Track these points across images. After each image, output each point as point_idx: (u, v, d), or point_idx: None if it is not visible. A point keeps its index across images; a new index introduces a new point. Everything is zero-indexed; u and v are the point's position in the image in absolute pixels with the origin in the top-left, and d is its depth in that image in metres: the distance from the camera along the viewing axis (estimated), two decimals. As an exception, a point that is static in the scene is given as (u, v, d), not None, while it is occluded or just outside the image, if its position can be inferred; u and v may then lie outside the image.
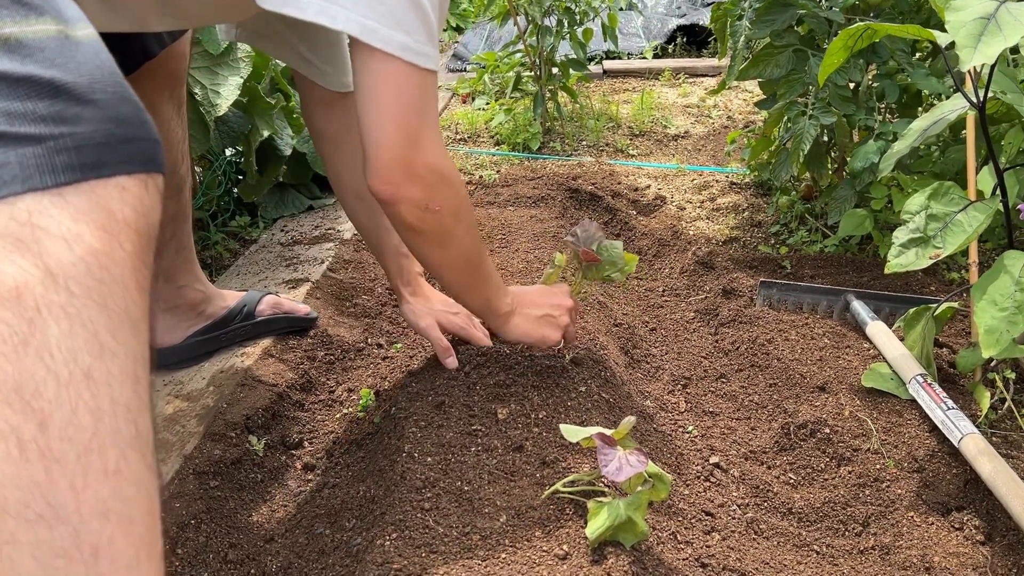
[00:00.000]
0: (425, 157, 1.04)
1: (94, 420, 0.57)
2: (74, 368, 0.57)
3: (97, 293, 0.58)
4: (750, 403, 1.54)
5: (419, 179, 1.04)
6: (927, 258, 1.17)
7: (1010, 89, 1.22)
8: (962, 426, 1.24)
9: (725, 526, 1.23)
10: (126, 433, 0.59)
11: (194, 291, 1.59)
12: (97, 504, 0.57)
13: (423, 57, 0.99)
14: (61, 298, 0.57)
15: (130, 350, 0.60)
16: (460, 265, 1.19)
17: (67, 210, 0.59)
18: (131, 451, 0.59)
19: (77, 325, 0.57)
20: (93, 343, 0.58)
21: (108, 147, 0.63)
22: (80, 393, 0.57)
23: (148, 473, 0.61)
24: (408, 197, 1.04)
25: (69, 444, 0.56)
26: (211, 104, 1.74)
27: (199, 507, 1.23)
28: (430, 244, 1.13)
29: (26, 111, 0.60)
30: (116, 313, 0.59)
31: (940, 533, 1.19)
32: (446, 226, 1.11)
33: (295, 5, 0.91)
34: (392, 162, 1.01)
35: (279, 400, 1.53)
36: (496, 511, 1.06)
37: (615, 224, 2.33)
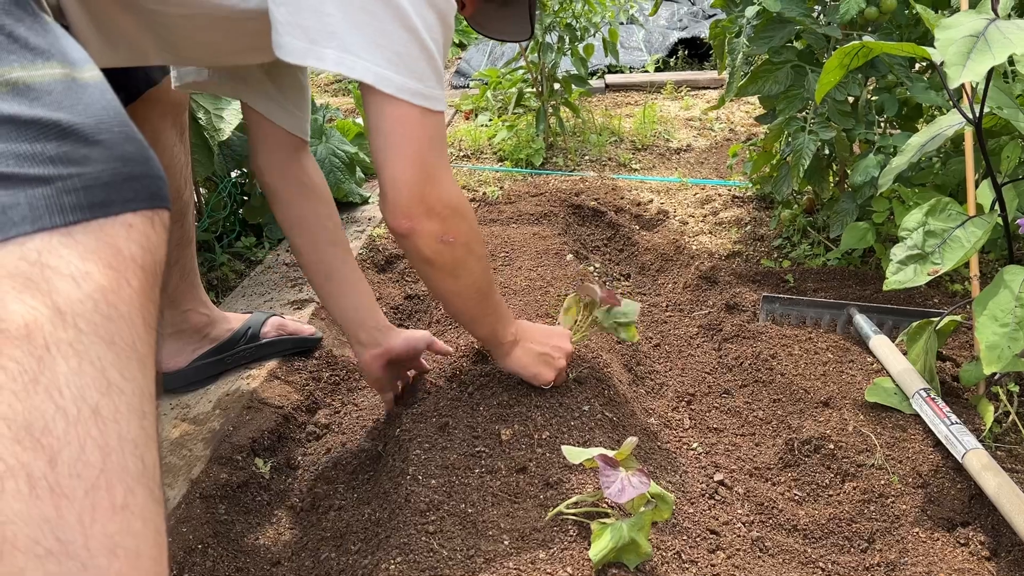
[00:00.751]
0: (439, 192, 1.08)
1: (102, 456, 0.58)
2: (82, 405, 0.58)
3: (105, 330, 0.60)
4: (754, 419, 1.55)
5: (435, 213, 1.08)
6: (925, 274, 1.18)
7: (1006, 104, 1.22)
8: (966, 441, 1.24)
9: (730, 544, 1.23)
10: (133, 468, 0.60)
11: (199, 315, 1.60)
12: (105, 539, 0.58)
13: (433, 100, 1.04)
14: (69, 335, 0.58)
15: (137, 386, 0.61)
16: (471, 295, 1.23)
17: (76, 249, 0.60)
18: (138, 486, 0.60)
19: (85, 362, 0.58)
20: (101, 380, 0.59)
21: (114, 186, 0.64)
22: (88, 430, 0.58)
23: (154, 506, 0.62)
24: (424, 231, 1.09)
25: (78, 480, 0.57)
26: (215, 128, 1.76)
27: (206, 531, 1.23)
28: (444, 275, 1.17)
29: (35, 153, 0.61)
30: (123, 349, 0.61)
31: (945, 549, 1.19)
32: (459, 257, 1.15)
33: (315, 56, 0.96)
34: (409, 198, 1.06)
35: (285, 422, 1.54)
36: (500, 533, 1.06)
37: (618, 239, 2.34)
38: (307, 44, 0.96)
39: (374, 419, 1.51)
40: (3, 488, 0.55)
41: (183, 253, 1.55)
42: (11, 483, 0.56)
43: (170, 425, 1.48)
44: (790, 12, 1.72)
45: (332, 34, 0.96)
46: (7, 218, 0.59)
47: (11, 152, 0.60)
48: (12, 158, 0.60)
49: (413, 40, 1.00)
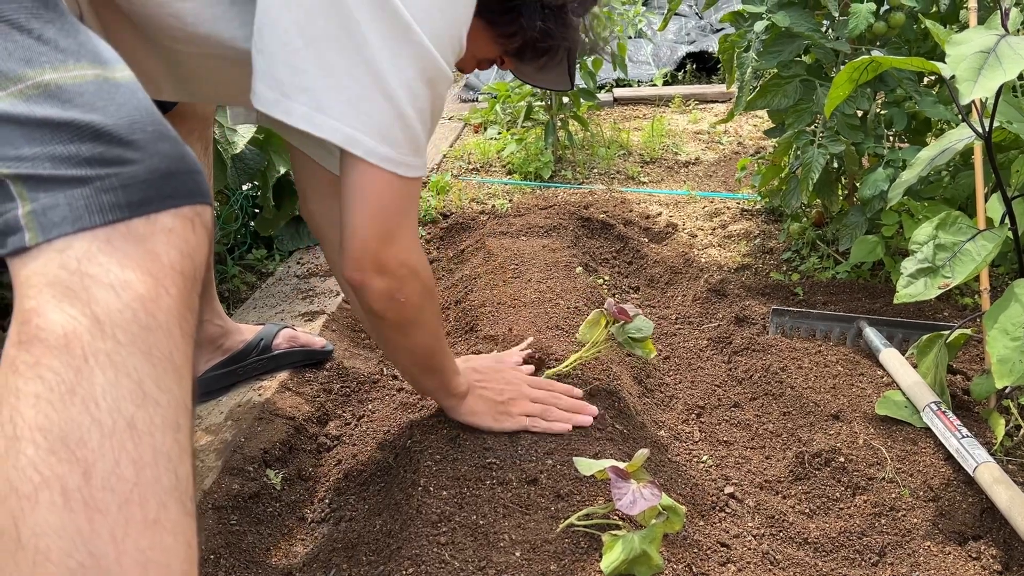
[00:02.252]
0: (397, 252, 1.08)
1: (136, 470, 0.59)
2: (118, 418, 0.58)
3: (143, 341, 0.60)
4: (764, 432, 1.55)
5: (388, 272, 1.08)
6: (936, 288, 1.18)
7: (1016, 119, 1.23)
8: (977, 454, 1.24)
9: (740, 557, 1.23)
10: (166, 482, 0.60)
11: (213, 326, 1.61)
12: (137, 554, 0.58)
13: (404, 167, 1.02)
14: (108, 346, 0.58)
15: (173, 398, 0.62)
16: (419, 352, 1.23)
17: (115, 256, 0.61)
18: (171, 500, 0.61)
19: (122, 374, 0.59)
20: (137, 392, 0.59)
21: (152, 184, 0.64)
22: (123, 443, 0.58)
23: (187, 520, 0.62)
24: (375, 287, 1.09)
25: (111, 494, 0.57)
26: (228, 142, 1.78)
27: (218, 542, 1.24)
28: (391, 330, 1.17)
29: (70, 154, 0.62)
30: (160, 361, 0.61)
31: (957, 563, 1.19)
32: (408, 317, 1.15)
33: (283, 109, 0.94)
34: (364, 253, 1.06)
35: (296, 433, 1.54)
36: (511, 545, 1.07)
37: (627, 252, 2.34)
38: (278, 95, 0.94)
39: (385, 430, 1.52)
40: (38, 500, 0.56)
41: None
42: (46, 495, 0.56)
43: (182, 436, 1.49)
44: (799, 27, 1.73)
45: (304, 89, 0.93)
46: (48, 219, 0.60)
47: (47, 155, 0.61)
48: (48, 160, 0.61)
49: (390, 109, 0.97)
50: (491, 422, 1.31)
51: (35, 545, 0.56)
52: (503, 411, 1.32)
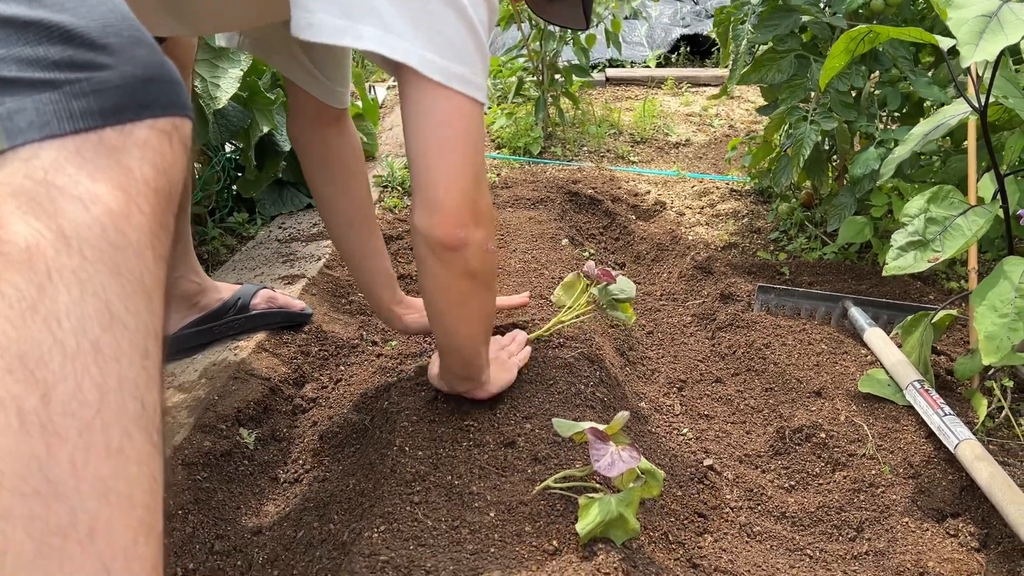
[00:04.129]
0: (486, 196, 0.99)
1: (99, 395, 0.55)
2: (82, 339, 0.55)
3: (111, 259, 0.56)
4: (746, 407, 1.53)
5: (483, 220, 0.98)
6: (925, 261, 1.16)
7: (1012, 94, 1.21)
8: (958, 432, 1.23)
9: (718, 528, 1.21)
10: (132, 410, 0.57)
11: (189, 282, 1.58)
12: (97, 483, 0.55)
13: (480, 90, 0.94)
14: (74, 263, 0.55)
15: (142, 322, 0.58)
16: (493, 308, 1.14)
17: (84, 168, 0.57)
18: (136, 429, 0.57)
19: (88, 293, 0.55)
20: (104, 313, 0.56)
21: (126, 91, 0.60)
22: (87, 366, 0.55)
23: (152, 452, 0.59)
24: (477, 240, 0.97)
25: (72, 419, 0.54)
26: (210, 97, 1.73)
27: (187, 498, 1.21)
28: (482, 289, 1.05)
29: (38, 57, 0.57)
30: (130, 281, 0.57)
31: (935, 539, 1.18)
32: (495, 264, 1.07)
33: (353, 35, 0.86)
34: (465, 205, 0.95)
35: (272, 394, 1.51)
36: (486, 506, 1.05)
37: (614, 228, 2.32)
38: (344, 21, 0.85)
39: (362, 393, 1.49)
40: None
41: (177, 220, 1.52)
42: (1, 417, 0.53)
43: (154, 392, 1.46)
44: (795, 0, 1.70)
45: (371, 9, 0.85)
46: (13, 124, 0.55)
47: (12, 56, 0.56)
48: (14, 62, 0.56)
49: (460, 20, 0.89)
50: (506, 376, 1.28)
51: None
52: (504, 363, 1.30)
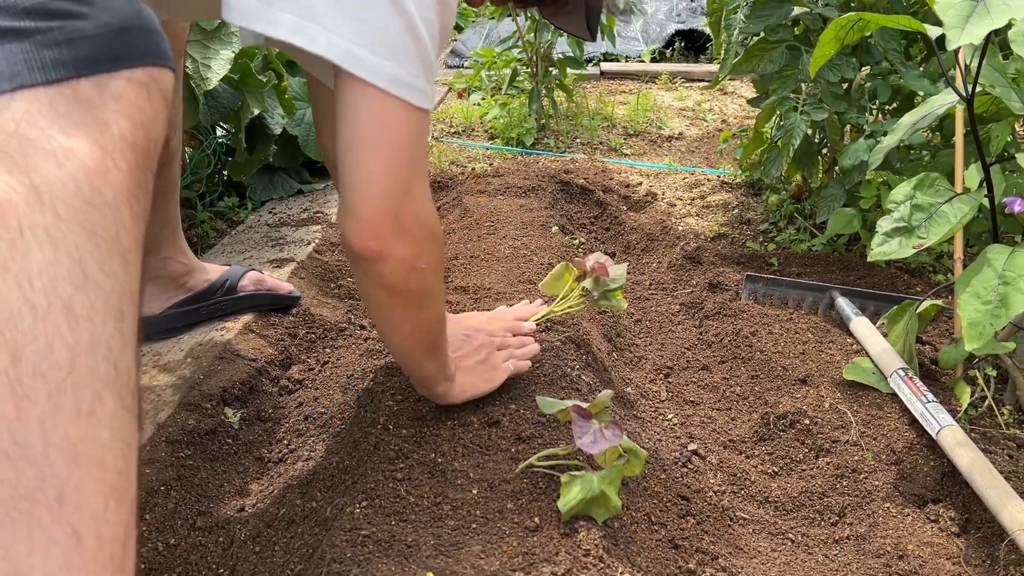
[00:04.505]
0: (416, 210, 0.92)
1: (71, 357, 0.54)
2: (54, 299, 0.53)
3: (86, 217, 0.55)
4: (731, 394, 1.54)
5: (409, 235, 0.91)
6: (910, 247, 1.17)
7: (999, 83, 1.22)
8: (941, 418, 1.24)
9: (700, 511, 1.22)
10: (104, 373, 0.56)
11: (177, 263, 1.57)
12: (67, 447, 0.54)
13: (416, 93, 0.86)
14: (46, 220, 0.53)
15: (117, 283, 0.57)
16: (432, 326, 1.06)
17: (58, 121, 0.55)
18: (108, 393, 0.56)
19: (61, 252, 0.54)
20: (77, 273, 0.54)
21: (102, 40, 0.58)
22: (58, 327, 0.53)
23: (125, 417, 0.58)
24: (395, 256, 0.91)
25: (42, 381, 0.53)
26: (201, 78, 1.73)
27: (169, 474, 1.21)
28: (408, 306, 0.99)
29: (7, 5, 0.55)
30: (105, 241, 0.56)
31: (916, 524, 1.19)
32: (428, 285, 0.98)
33: (266, 20, 0.79)
34: (381, 215, 0.89)
35: (258, 375, 1.51)
36: (469, 483, 1.05)
37: (605, 218, 2.32)
38: (261, 4, 0.79)
39: (349, 375, 1.49)
40: None
41: (166, 200, 1.52)
42: None
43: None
44: (788, -9, 1.71)
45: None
46: None
47: None
48: None
49: (397, 13, 0.82)
50: (484, 386, 1.20)
51: None
52: (489, 369, 1.22)
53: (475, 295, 1.62)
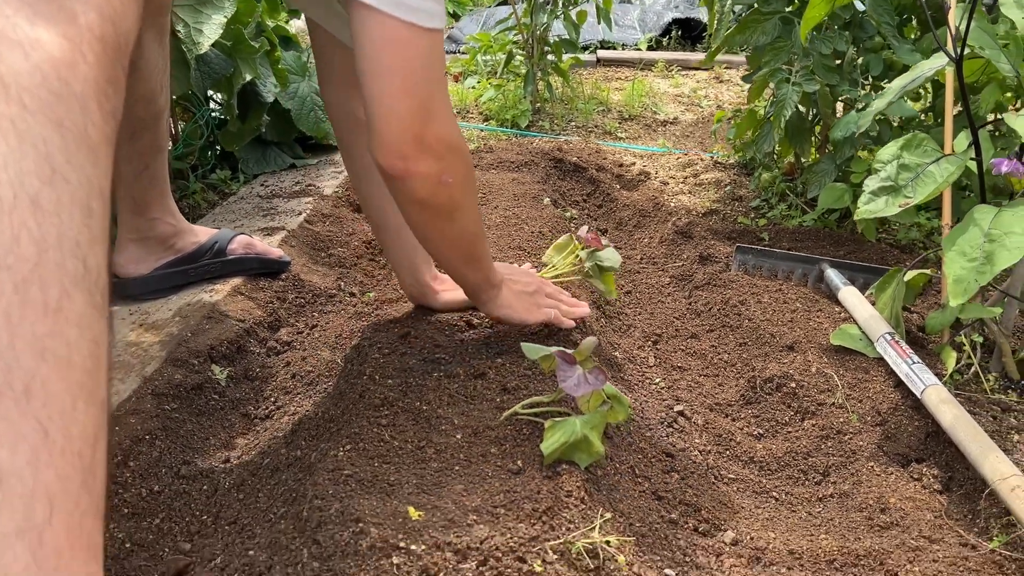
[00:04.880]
0: (437, 128, 0.97)
1: (38, 251, 0.54)
2: (20, 192, 0.53)
3: (53, 110, 0.54)
4: (719, 361, 1.54)
5: (431, 152, 0.97)
6: (896, 206, 1.17)
7: (988, 45, 1.22)
8: (925, 378, 1.24)
9: (685, 467, 1.22)
10: (72, 269, 0.55)
11: (165, 224, 1.57)
12: (33, 340, 0.53)
13: (425, 15, 0.89)
14: (12, 111, 0.53)
15: (85, 177, 0.56)
16: (466, 238, 1.13)
17: (23, 11, 0.54)
18: (76, 290, 0.56)
19: (27, 144, 0.53)
20: (44, 166, 0.54)
21: None
22: (24, 220, 0.53)
23: (95, 315, 0.57)
24: (420, 172, 0.97)
25: (7, 273, 0.53)
26: (193, 42, 1.72)
27: (155, 424, 1.21)
28: (439, 219, 1.06)
29: None
30: (73, 134, 0.55)
31: (899, 482, 1.19)
32: (456, 199, 1.04)
33: None
34: (403, 135, 0.94)
35: (246, 335, 1.51)
36: (453, 429, 1.05)
37: (597, 196, 2.32)
38: None
39: (337, 336, 1.49)
40: None
41: (154, 159, 1.51)
42: None
43: (127, 328, 1.45)
44: (782, -37, 1.71)
45: None
46: None
47: None
48: None
49: None
50: (524, 314, 1.26)
51: None
52: (532, 303, 1.28)
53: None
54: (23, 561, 0.51)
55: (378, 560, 0.81)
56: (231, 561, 0.94)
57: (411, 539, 0.82)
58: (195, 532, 1.08)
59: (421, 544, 0.82)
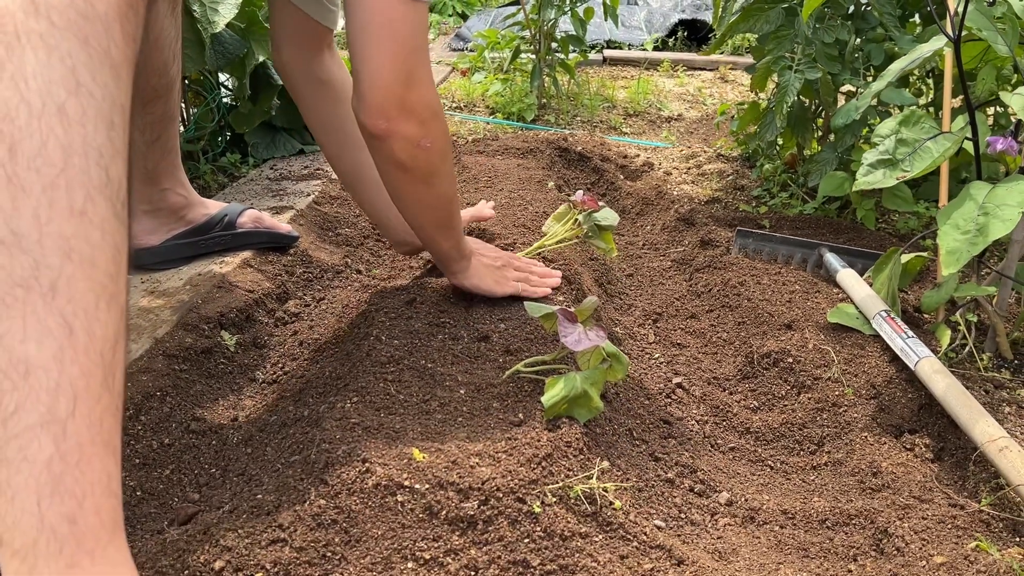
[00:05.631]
0: (420, 93, 1.03)
1: (64, 156, 0.57)
2: (48, 100, 0.57)
3: (79, 28, 0.58)
4: (718, 339, 1.57)
5: (414, 115, 1.03)
6: (894, 178, 1.20)
7: (985, 27, 1.25)
8: (919, 351, 1.27)
9: (682, 434, 1.25)
10: (96, 177, 0.59)
11: (176, 195, 1.60)
12: (60, 240, 0.57)
13: None
14: (42, 27, 0.57)
15: (108, 93, 0.60)
16: (441, 204, 1.19)
17: None
18: (99, 196, 0.59)
19: (55, 58, 0.57)
20: (70, 79, 0.58)
21: None
22: (52, 127, 0.57)
23: (116, 222, 0.61)
24: (402, 133, 1.04)
25: (36, 175, 0.56)
26: (208, 21, 1.76)
27: (165, 383, 1.24)
28: (416, 182, 1.13)
29: None
30: (97, 52, 0.59)
31: (892, 452, 1.21)
32: (434, 163, 1.11)
33: None
34: (388, 98, 1.01)
35: (255, 305, 1.54)
36: (457, 386, 1.08)
37: (601, 184, 2.35)
38: None
39: (343, 306, 1.52)
40: None
41: (166, 130, 1.55)
42: None
43: (138, 296, 1.48)
44: (786, -47, 1.74)
45: None
46: None
47: None
48: None
49: None
50: (492, 285, 1.31)
51: None
52: (501, 276, 1.34)
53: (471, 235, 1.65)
54: (47, 452, 0.54)
55: (383, 498, 0.84)
56: (239, 505, 0.97)
57: (415, 478, 0.85)
58: (203, 484, 1.11)
59: (425, 483, 0.85)
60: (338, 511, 0.83)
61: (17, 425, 0.54)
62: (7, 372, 0.54)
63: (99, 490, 0.57)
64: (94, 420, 0.56)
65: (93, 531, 0.56)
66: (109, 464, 0.58)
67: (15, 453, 0.53)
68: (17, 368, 0.54)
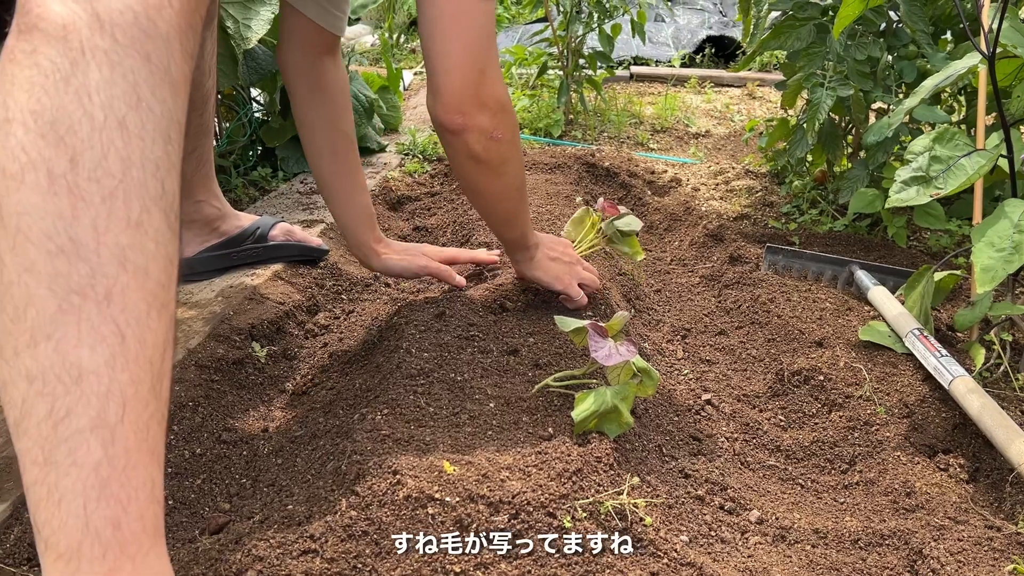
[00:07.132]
0: (491, 87, 1.06)
1: (123, 168, 0.59)
2: (110, 114, 0.59)
3: (141, 45, 0.60)
4: (747, 356, 1.56)
5: (486, 108, 1.07)
6: (927, 196, 1.19)
7: (1021, 44, 1.24)
8: (953, 370, 1.25)
9: (711, 451, 1.24)
10: (152, 189, 0.61)
11: (210, 207, 1.62)
12: (116, 250, 0.59)
13: None
14: (106, 43, 0.59)
15: (166, 109, 0.62)
16: (512, 194, 1.23)
17: None
18: (155, 208, 0.61)
19: (118, 73, 0.59)
20: (131, 94, 0.60)
21: None
22: (113, 140, 0.59)
23: (169, 234, 0.62)
24: (477, 126, 1.07)
25: (96, 185, 0.58)
26: (242, 37, 1.79)
27: (198, 393, 1.25)
28: (490, 173, 1.16)
29: None
30: (157, 69, 0.61)
31: (925, 472, 1.20)
32: (505, 154, 1.15)
33: None
34: (463, 92, 1.04)
35: (285, 317, 1.56)
36: (486, 399, 1.08)
37: (629, 200, 2.35)
38: None
39: (373, 318, 1.53)
40: (23, 180, 0.57)
41: (200, 143, 1.57)
42: (32, 176, 0.57)
43: (172, 306, 1.50)
44: (817, -30, 1.74)
45: None
46: None
47: None
48: None
49: None
50: (554, 280, 1.35)
51: (16, 224, 0.56)
52: (566, 271, 1.37)
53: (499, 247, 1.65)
54: (96, 456, 0.55)
55: (414, 510, 0.84)
56: (270, 515, 0.97)
57: (446, 491, 0.85)
58: (234, 494, 1.12)
59: (455, 496, 0.85)
60: (369, 522, 0.84)
61: (67, 429, 0.55)
62: (60, 376, 0.55)
63: (143, 496, 0.58)
64: (141, 426, 0.57)
65: (136, 537, 0.57)
66: (153, 471, 0.59)
67: (64, 457, 0.55)
68: (70, 372, 0.56)
